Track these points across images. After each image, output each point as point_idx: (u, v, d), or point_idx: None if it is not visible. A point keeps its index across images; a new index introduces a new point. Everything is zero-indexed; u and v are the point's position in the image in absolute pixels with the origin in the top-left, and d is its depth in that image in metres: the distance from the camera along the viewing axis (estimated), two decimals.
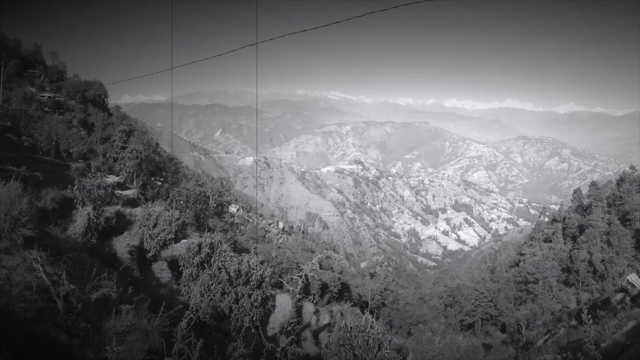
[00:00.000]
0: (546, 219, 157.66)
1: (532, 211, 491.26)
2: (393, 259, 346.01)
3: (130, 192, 53.95)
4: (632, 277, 47.16)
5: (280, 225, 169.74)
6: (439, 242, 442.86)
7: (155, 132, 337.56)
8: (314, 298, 48.74)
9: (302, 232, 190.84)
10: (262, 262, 23.49)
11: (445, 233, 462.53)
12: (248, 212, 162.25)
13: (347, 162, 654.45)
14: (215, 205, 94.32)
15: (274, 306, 26.13)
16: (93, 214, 23.82)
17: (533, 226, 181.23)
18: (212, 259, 21.37)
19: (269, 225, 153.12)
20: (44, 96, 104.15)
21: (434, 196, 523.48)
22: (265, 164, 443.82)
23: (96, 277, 13.59)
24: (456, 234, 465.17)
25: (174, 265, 27.02)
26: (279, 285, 37.31)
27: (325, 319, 38.81)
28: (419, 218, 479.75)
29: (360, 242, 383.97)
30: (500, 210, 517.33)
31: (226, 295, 20.33)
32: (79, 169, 52.69)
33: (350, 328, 15.17)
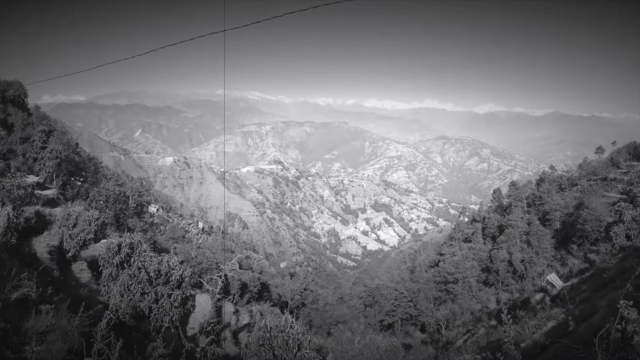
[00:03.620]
0: (466, 219, 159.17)
1: (452, 211, 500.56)
2: (313, 259, 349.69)
3: (50, 192, 52.83)
4: (551, 277, 48.28)
5: (200, 225, 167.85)
6: (359, 242, 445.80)
7: (75, 132, 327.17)
8: (233, 298, 48.63)
9: (222, 232, 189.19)
10: (181, 262, 23.58)
11: (365, 233, 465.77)
12: (168, 212, 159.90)
13: (266, 162, 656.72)
14: (135, 205, 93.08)
15: (193, 306, 26.06)
16: (13, 214, 23.33)
17: (453, 226, 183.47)
18: (132, 259, 21.22)
19: (189, 225, 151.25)
20: None
21: (353, 196, 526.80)
22: (185, 164, 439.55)
23: (16, 277, 13.42)
24: (376, 234, 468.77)
25: (93, 265, 26.52)
26: (199, 285, 37.20)
27: (245, 319, 38.81)
28: (339, 218, 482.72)
29: (280, 242, 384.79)
30: (420, 210, 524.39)
31: (146, 295, 20.26)
32: None
33: (270, 328, 15.32)
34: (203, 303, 32.10)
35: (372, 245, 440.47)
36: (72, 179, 72.32)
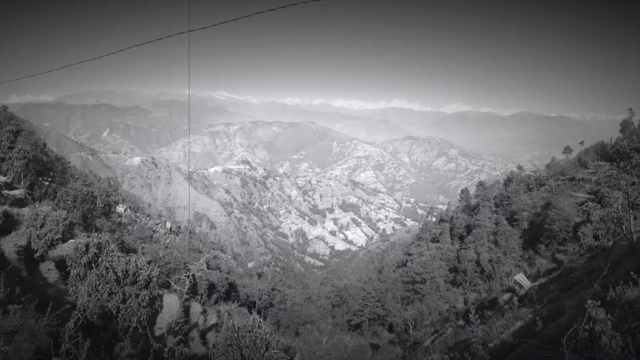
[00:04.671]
0: (433, 219, 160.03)
1: (420, 211, 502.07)
2: (280, 259, 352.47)
3: (18, 192, 52.30)
4: (519, 277, 48.58)
5: (168, 225, 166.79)
6: (327, 242, 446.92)
7: (43, 132, 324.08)
8: (201, 298, 48.31)
9: (190, 232, 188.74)
10: (149, 262, 23.40)
11: (332, 233, 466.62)
12: (135, 212, 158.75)
13: (234, 162, 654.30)
14: (102, 205, 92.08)
15: (161, 306, 25.77)
16: None
17: (420, 226, 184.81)
18: (100, 259, 21.00)
19: (157, 225, 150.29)
20: None
21: (321, 196, 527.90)
22: (152, 164, 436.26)
23: None
24: (343, 234, 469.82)
25: (61, 265, 26.28)
26: (167, 285, 36.97)
27: (212, 319, 38.62)
28: (307, 218, 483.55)
29: (248, 242, 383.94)
30: (388, 210, 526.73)
31: (114, 295, 20.07)
32: None
33: (238, 328, 15.29)
34: (171, 303, 31.90)
35: (340, 245, 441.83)
36: (40, 179, 71.64)
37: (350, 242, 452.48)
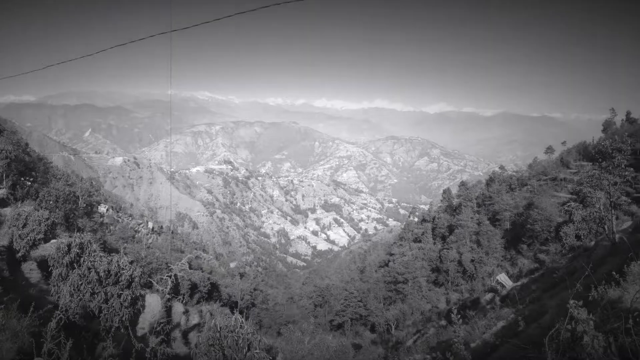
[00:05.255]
0: (416, 219, 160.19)
1: (402, 211, 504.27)
2: (263, 259, 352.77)
3: (0, 193, 52.19)
4: (501, 277, 48.93)
5: (150, 225, 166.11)
6: (309, 242, 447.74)
7: (25, 132, 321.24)
8: (183, 298, 48.17)
9: (172, 232, 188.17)
10: (131, 262, 23.28)
11: (314, 233, 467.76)
12: (117, 212, 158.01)
13: (216, 162, 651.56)
14: (84, 205, 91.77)
15: (143, 306, 25.75)
16: None
17: (402, 226, 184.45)
18: (82, 259, 20.94)
19: (139, 225, 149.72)
20: None
21: (303, 196, 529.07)
22: (134, 164, 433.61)
23: None
24: (326, 234, 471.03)
25: (43, 265, 26.01)
26: (149, 285, 36.75)
27: (194, 319, 38.46)
28: (289, 218, 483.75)
29: (230, 242, 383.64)
30: (370, 210, 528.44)
31: (96, 295, 19.97)
32: None
33: (220, 328, 15.21)
34: (153, 303, 31.74)
35: (322, 245, 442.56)
36: (22, 179, 71.26)
37: (333, 242, 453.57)
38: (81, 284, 19.78)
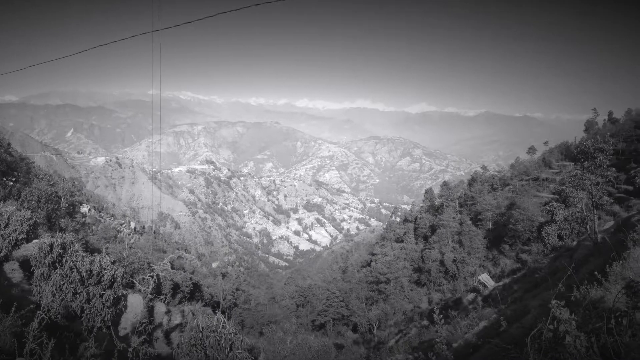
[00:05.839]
0: (398, 219, 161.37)
1: (384, 211, 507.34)
2: (245, 259, 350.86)
3: None
4: (483, 277, 49.00)
5: (132, 225, 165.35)
6: (291, 242, 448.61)
7: (7, 132, 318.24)
8: (165, 298, 48.04)
9: (154, 232, 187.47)
10: (113, 262, 23.34)
11: (297, 233, 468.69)
12: (100, 212, 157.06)
13: (198, 162, 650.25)
14: (67, 205, 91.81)
15: (125, 306, 25.68)
16: None
17: (385, 226, 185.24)
18: (64, 259, 20.83)
19: (121, 225, 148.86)
20: None
21: (285, 196, 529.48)
22: (117, 164, 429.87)
23: None
24: (308, 234, 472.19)
25: (25, 265, 25.90)
26: (131, 285, 36.71)
27: (177, 319, 38.40)
28: (271, 218, 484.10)
29: (212, 242, 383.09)
30: (352, 210, 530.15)
31: (78, 295, 19.90)
32: None
33: (202, 328, 15.24)
34: (135, 303, 31.66)
35: (304, 245, 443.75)
36: (4, 178, 71.12)
37: (315, 242, 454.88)
38: (63, 284, 19.70)
